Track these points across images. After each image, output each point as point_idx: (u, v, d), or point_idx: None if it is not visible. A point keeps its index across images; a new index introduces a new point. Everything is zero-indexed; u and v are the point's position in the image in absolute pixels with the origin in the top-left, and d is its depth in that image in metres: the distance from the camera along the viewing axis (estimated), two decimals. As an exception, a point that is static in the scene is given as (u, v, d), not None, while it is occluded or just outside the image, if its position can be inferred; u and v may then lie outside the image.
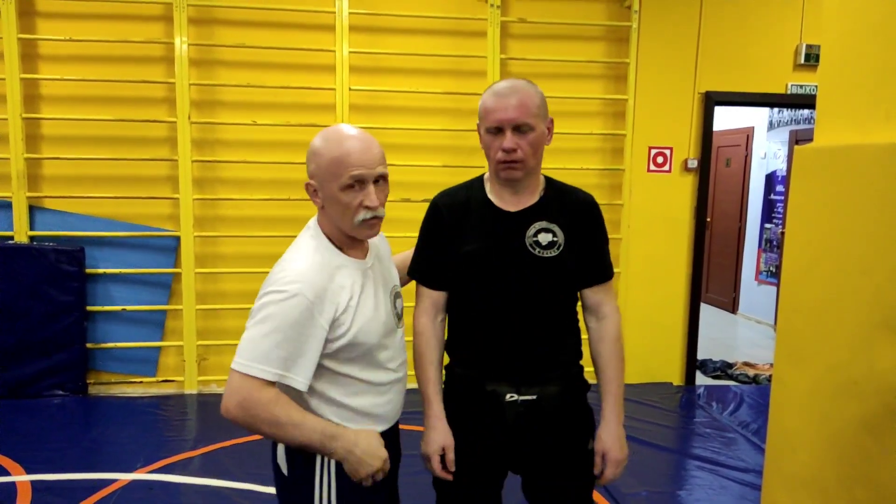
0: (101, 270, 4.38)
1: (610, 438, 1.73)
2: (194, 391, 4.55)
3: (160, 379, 4.59)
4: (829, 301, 1.91)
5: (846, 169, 1.87)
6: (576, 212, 1.76)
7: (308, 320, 1.40)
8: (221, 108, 4.50)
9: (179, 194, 4.40)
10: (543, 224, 1.72)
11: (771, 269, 7.21)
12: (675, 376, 5.01)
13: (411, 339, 1.80)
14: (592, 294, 1.80)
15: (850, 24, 1.98)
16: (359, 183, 1.48)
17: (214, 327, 4.61)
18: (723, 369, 5.28)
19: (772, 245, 7.26)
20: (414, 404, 1.82)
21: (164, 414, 4.14)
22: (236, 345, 3.97)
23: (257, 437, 3.73)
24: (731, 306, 7.76)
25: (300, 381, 1.42)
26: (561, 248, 1.71)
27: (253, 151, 4.51)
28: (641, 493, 3.15)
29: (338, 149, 1.46)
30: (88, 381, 4.43)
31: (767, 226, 7.32)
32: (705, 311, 7.02)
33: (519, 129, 1.63)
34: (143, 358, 4.56)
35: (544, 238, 1.71)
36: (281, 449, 1.53)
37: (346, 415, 1.53)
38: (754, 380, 5.07)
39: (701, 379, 5.15)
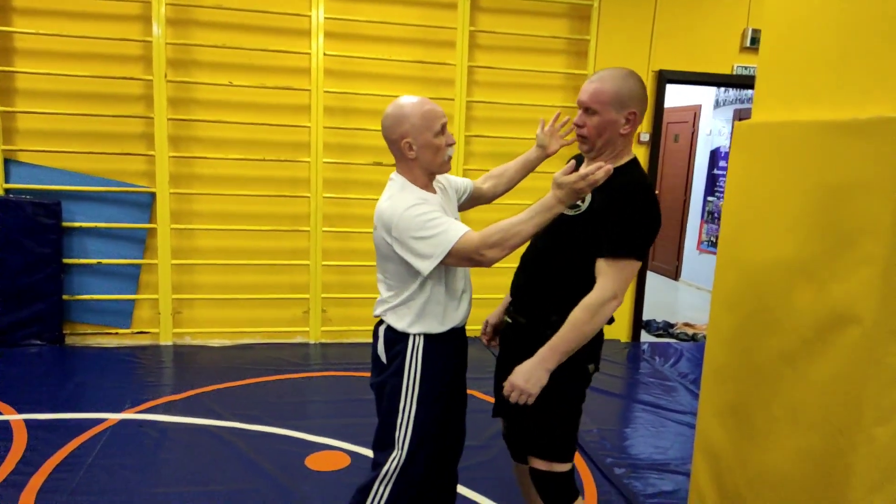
0: (77, 224, 4.48)
1: (520, 368, 1.85)
2: (169, 343, 4.72)
3: (135, 330, 4.74)
4: (759, 255, 2.26)
5: (778, 142, 2.21)
6: (611, 190, 1.86)
7: (427, 207, 1.86)
8: (197, 68, 4.60)
9: (155, 151, 4.51)
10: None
11: (712, 239, 7.70)
12: (623, 334, 5.43)
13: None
14: (597, 265, 1.86)
15: (787, 14, 2.29)
16: (443, 128, 1.94)
17: (189, 282, 4.77)
18: (665, 329, 5.73)
19: (713, 217, 7.75)
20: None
21: (143, 362, 4.32)
22: (211, 299, 4.41)
23: (240, 381, 3.99)
24: (675, 274, 8.26)
25: (463, 228, 1.85)
26: (580, 212, 1.90)
27: (228, 112, 4.64)
28: (593, 430, 3.53)
29: (423, 107, 1.92)
30: (65, 332, 4.56)
31: (710, 199, 7.80)
32: (651, 278, 7.49)
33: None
34: (118, 310, 4.69)
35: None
36: (381, 343, 2.01)
37: (438, 308, 1.96)
38: (693, 338, 5.54)
39: (645, 337, 5.60)
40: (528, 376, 1.82)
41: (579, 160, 2.11)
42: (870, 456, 1.83)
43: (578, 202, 1.91)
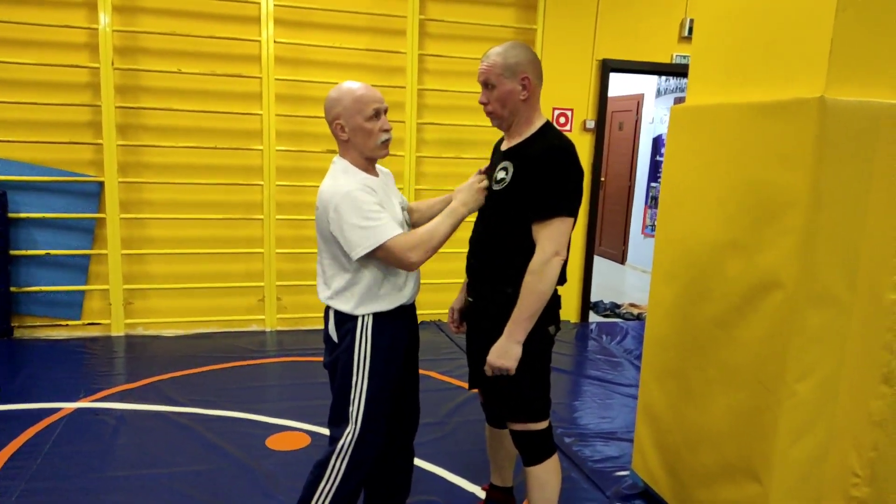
0: (23, 215, 4.39)
1: (493, 348, 1.99)
2: (121, 333, 4.68)
3: (85, 322, 4.68)
4: (693, 228, 2.42)
5: (710, 123, 2.37)
6: (529, 158, 1.98)
7: (370, 198, 1.92)
8: (145, 56, 4.55)
9: (103, 140, 4.45)
10: (506, 163, 2.04)
11: (655, 223, 7.98)
12: (573, 315, 5.62)
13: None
14: (533, 230, 1.97)
15: (719, 3, 2.45)
16: (377, 113, 2.00)
17: (141, 272, 4.73)
18: (612, 309, 5.95)
19: (657, 202, 8.02)
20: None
21: (95, 353, 4.28)
22: (163, 289, 4.42)
23: (195, 369, 4.00)
24: (621, 258, 8.53)
25: (397, 229, 1.94)
26: (505, 185, 2.01)
27: (178, 99, 4.61)
28: (544, 405, 3.68)
29: (356, 92, 2.00)
30: (13, 325, 4.47)
31: (653, 184, 8.07)
32: (598, 262, 7.70)
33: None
34: (68, 301, 4.63)
35: (499, 174, 2.05)
36: (331, 323, 2.08)
37: (382, 290, 2.04)
38: (637, 317, 5.77)
39: (593, 317, 5.81)
40: (501, 353, 1.96)
41: (486, 170, 2.20)
42: (792, 409, 2.01)
43: (503, 175, 2.03)
